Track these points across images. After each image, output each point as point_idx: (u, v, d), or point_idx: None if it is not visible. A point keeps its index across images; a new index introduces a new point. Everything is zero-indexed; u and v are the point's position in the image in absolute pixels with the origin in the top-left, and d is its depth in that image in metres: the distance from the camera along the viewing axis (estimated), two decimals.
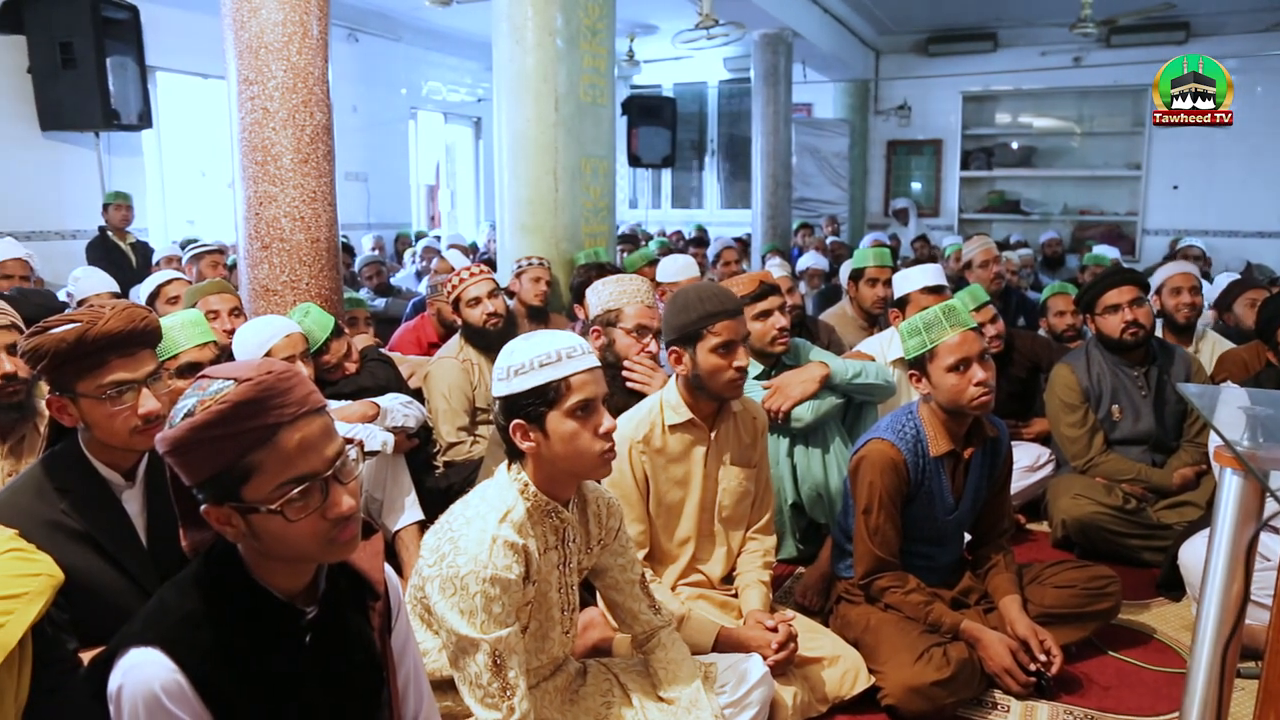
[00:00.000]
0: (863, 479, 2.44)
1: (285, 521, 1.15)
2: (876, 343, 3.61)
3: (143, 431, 1.77)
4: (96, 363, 1.74)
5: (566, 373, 1.66)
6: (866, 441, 2.49)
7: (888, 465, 2.40)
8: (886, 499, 2.41)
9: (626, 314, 2.80)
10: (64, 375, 1.74)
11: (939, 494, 2.48)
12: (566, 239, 4.80)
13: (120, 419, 1.76)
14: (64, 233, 6.83)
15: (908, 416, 2.49)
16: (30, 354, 1.74)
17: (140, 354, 1.80)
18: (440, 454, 3.37)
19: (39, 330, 1.74)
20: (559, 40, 4.70)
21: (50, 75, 6.52)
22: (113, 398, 1.75)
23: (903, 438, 2.44)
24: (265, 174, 3.35)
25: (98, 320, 1.73)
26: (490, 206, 11.50)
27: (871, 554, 2.44)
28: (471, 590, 1.58)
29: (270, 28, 3.32)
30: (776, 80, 9.26)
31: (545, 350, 1.67)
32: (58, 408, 1.77)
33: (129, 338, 1.77)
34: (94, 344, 1.72)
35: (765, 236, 9.28)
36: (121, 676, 1.15)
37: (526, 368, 1.66)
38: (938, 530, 2.53)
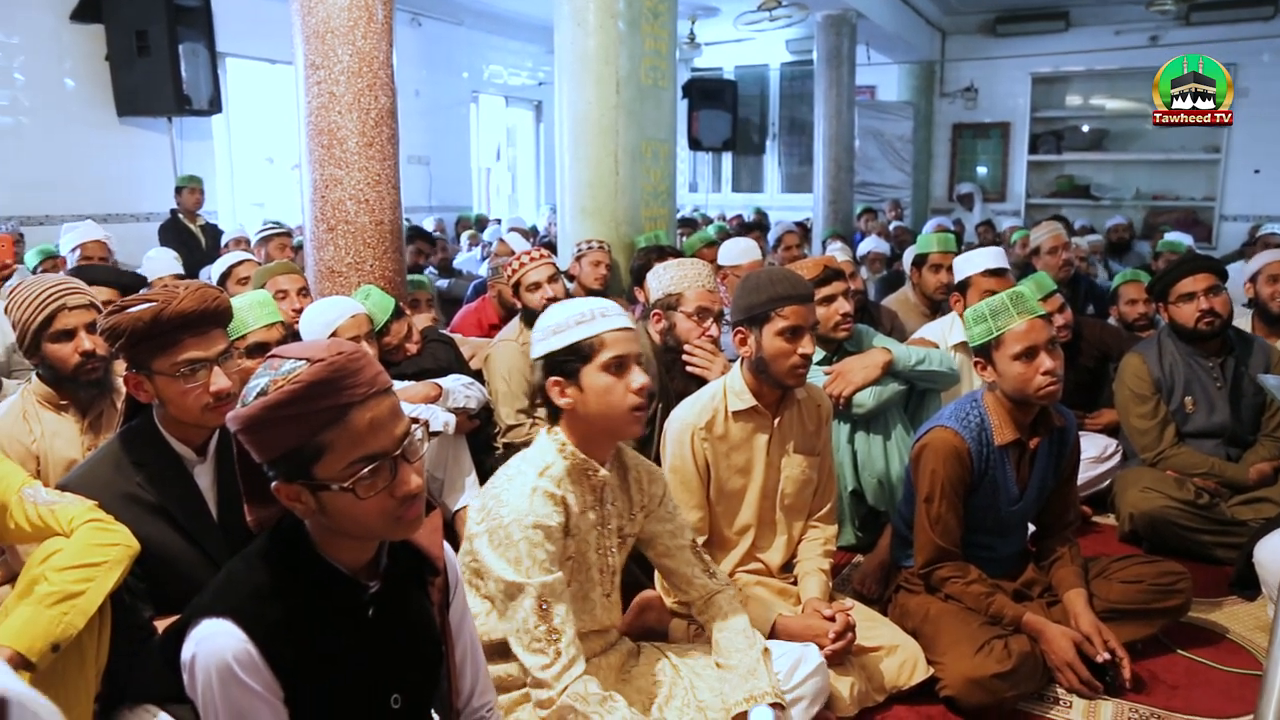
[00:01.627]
0: (925, 467, 2.40)
1: (355, 499, 1.17)
2: (938, 328, 3.55)
3: (214, 409, 1.82)
4: (171, 341, 1.79)
5: (601, 330, 1.73)
6: (929, 429, 2.45)
7: (950, 453, 2.36)
8: (949, 488, 2.37)
9: (687, 297, 2.80)
10: (140, 353, 1.80)
11: (1003, 484, 2.43)
12: (626, 222, 4.80)
13: (193, 396, 1.81)
14: (138, 215, 7.04)
15: (972, 404, 2.44)
16: (108, 332, 1.80)
17: (212, 333, 1.86)
18: (500, 435, 3.40)
19: (116, 309, 1.80)
20: (620, 23, 4.68)
21: (126, 63, 6.72)
22: (186, 375, 1.80)
23: (967, 425, 2.39)
24: (331, 157, 3.40)
25: (172, 300, 1.78)
26: (550, 189, 11.55)
27: (932, 543, 2.41)
28: (515, 537, 1.66)
29: (336, 13, 3.36)
30: (839, 62, 9.12)
31: (580, 310, 1.76)
32: (134, 384, 1.83)
33: (201, 317, 1.82)
34: (168, 323, 1.78)
35: (827, 221, 9.17)
36: (195, 646, 1.18)
37: (563, 326, 1.74)
38: (1000, 521, 2.49)
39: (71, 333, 2.28)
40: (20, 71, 6.45)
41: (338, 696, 1.26)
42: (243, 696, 1.17)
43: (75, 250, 4.43)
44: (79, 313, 2.30)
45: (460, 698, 1.48)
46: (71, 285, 2.35)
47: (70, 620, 1.60)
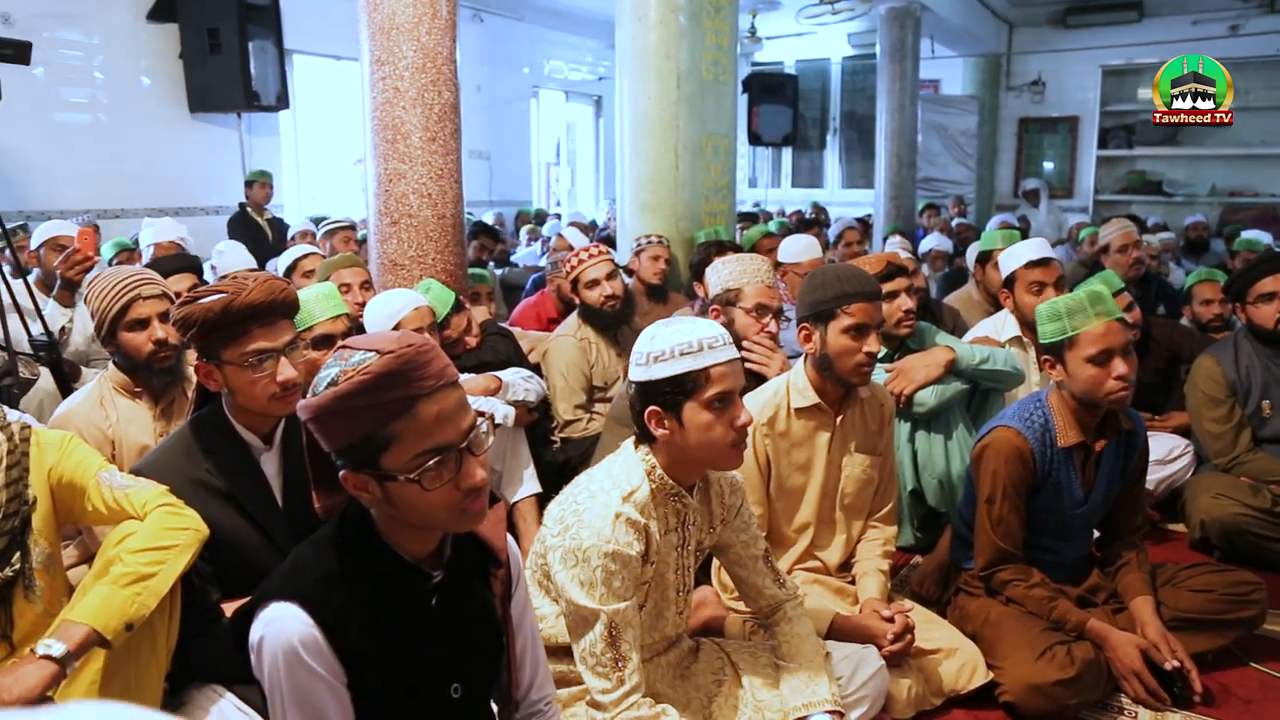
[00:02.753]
0: (986, 467, 2.36)
1: (421, 490, 1.18)
2: (991, 324, 3.48)
3: (280, 398, 1.86)
4: (240, 332, 1.84)
5: (707, 363, 1.65)
6: (992, 429, 2.40)
7: (1013, 454, 2.32)
8: (1010, 489, 2.32)
9: (746, 293, 2.78)
10: (210, 343, 1.85)
11: (1067, 486, 2.37)
12: (686, 217, 4.79)
13: (260, 386, 1.85)
14: (208, 208, 7.21)
15: (1036, 404, 2.39)
16: (180, 322, 1.85)
17: (279, 324, 1.90)
18: (558, 429, 3.42)
19: (188, 300, 1.85)
20: (681, 17, 4.67)
21: (198, 60, 6.90)
22: (254, 365, 1.84)
23: (1030, 426, 2.34)
24: (395, 152, 3.45)
25: (241, 292, 1.83)
26: (610, 184, 11.57)
27: (994, 545, 2.36)
28: (593, 563, 1.61)
29: (401, 9, 3.40)
30: (903, 56, 8.99)
31: (687, 339, 1.65)
32: (204, 373, 1.88)
33: (269, 308, 1.86)
34: (237, 314, 1.82)
35: (888, 217, 9.05)
36: (263, 629, 1.21)
37: (667, 355, 1.65)
38: (1064, 524, 2.43)
39: (145, 322, 2.35)
40: (100, 70, 6.66)
41: (399, 683, 1.28)
42: (307, 679, 1.20)
43: (150, 247, 4.55)
44: (153, 302, 2.37)
45: (519, 689, 1.49)
46: (146, 276, 2.43)
47: (143, 601, 1.64)
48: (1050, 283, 3.21)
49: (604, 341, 3.56)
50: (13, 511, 1.79)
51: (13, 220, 3.66)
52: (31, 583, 1.83)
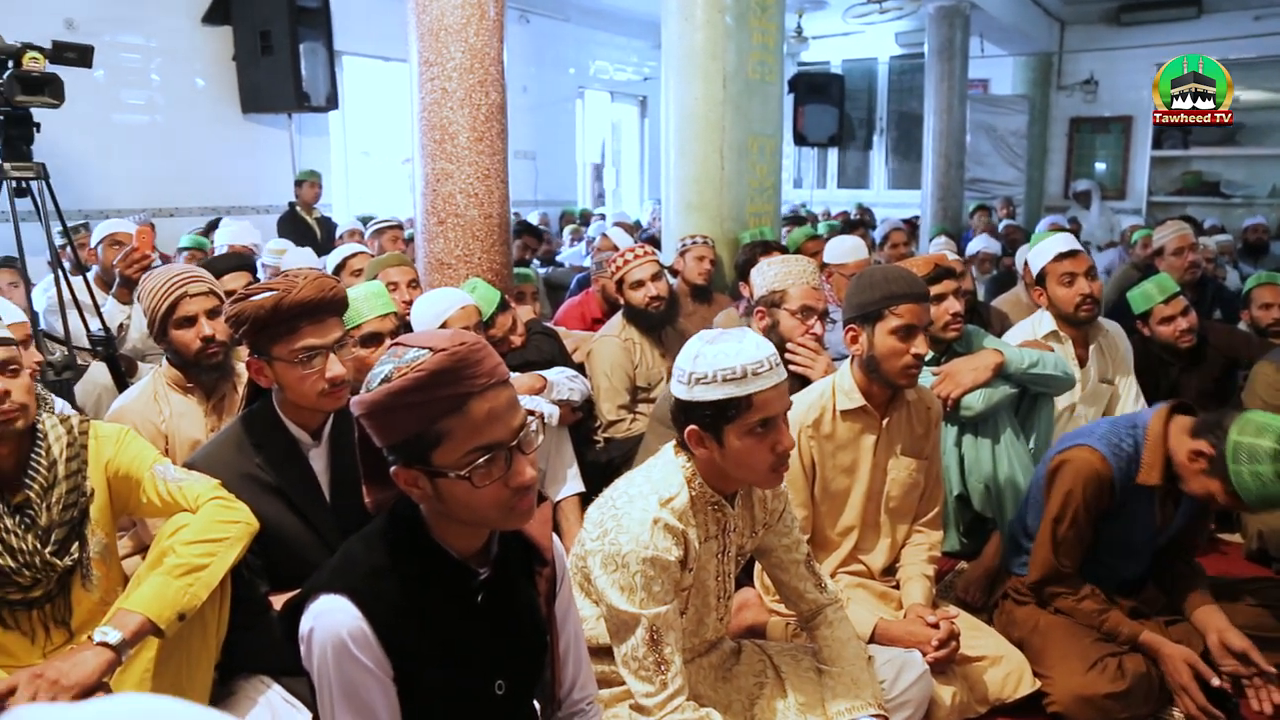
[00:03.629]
0: (1060, 485, 2.24)
1: (471, 487, 1.19)
2: (1028, 324, 3.43)
3: (329, 394, 1.89)
4: (290, 329, 1.87)
5: (751, 390, 1.61)
6: (1074, 445, 2.27)
7: (1092, 478, 2.20)
8: (1082, 513, 2.22)
9: (791, 295, 2.76)
10: (261, 340, 1.88)
11: (1142, 519, 2.27)
12: (732, 218, 4.78)
13: (309, 382, 1.88)
14: (258, 207, 7.34)
15: (1130, 430, 2.23)
16: (232, 319, 1.88)
17: (329, 321, 1.92)
18: (601, 429, 3.43)
19: (240, 298, 1.88)
20: (728, 17, 4.66)
21: (251, 62, 7.03)
22: (303, 361, 1.87)
23: (1117, 453, 2.20)
24: (443, 152, 3.48)
25: (291, 289, 1.86)
26: (654, 185, 11.58)
27: (1051, 564, 2.28)
28: (632, 569, 1.61)
29: (450, 10, 3.43)
30: (951, 55, 8.89)
31: (730, 365, 1.61)
32: (255, 369, 1.91)
33: (319, 306, 1.89)
34: (288, 311, 1.85)
35: (935, 218, 8.95)
36: (312, 620, 1.23)
37: (709, 379, 1.62)
38: (1131, 549, 2.34)
39: (193, 319, 2.40)
40: (156, 72, 6.81)
41: (445, 678, 1.29)
42: (355, 671, 1.21)
43: (224, 248, 4.66)
44: (200, 300, 2.41)
45: (562, 688, 1.50)
46: (193, 274, 2.48)
47: (195, 592, 1.68)
48: (1081, 273, 3.17)
49: (648, 342, 3.56)
50: (72, 503, 1.84)
51: (73, 219, 3.76)
52: (89, 572, 1.88)
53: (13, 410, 1.76)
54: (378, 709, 1.23)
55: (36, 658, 1.81)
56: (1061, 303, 3.18)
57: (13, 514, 1.78)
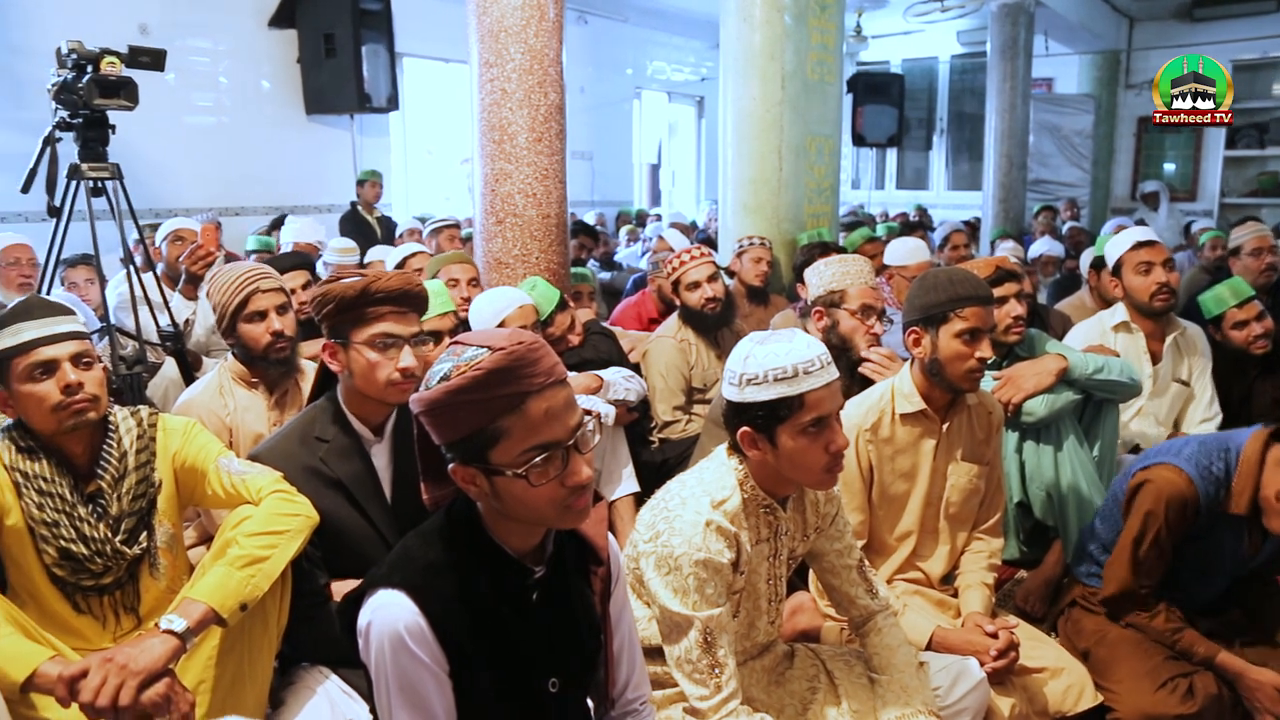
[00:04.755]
0: (1141, 505, 2.14)
1: (528, 486, 1.20)
2: (1095, 322, 3.35)
3: (398, 385, 1.92)
4: (373, 315, 1.91)
5: (802, 389, 1.61)
6: (1160, 463, 2.14)
7: (1176, 500, 2.09)
8: (1164, 535, 2.11)
9: (850, 295, 2.74)
10: (342, 322, 1.92)
11: (1229, 547, 2.16)
12: (789, 219, 4.75)
13: (382, 369, 1.91)
14: (320, 206, 7.48)
15: (1221, 454, 2.10)
16: (319, 300, 1.92)
17: (409, 314, 1.97)
18: (656, 429, 3.43)
19: (328, 281, 1.94)
20: (787, 16, 4.63)
21: (315, 64, 7.18)
22: (380, 348, 1.90)
23: (1205, 477, 2.08)
24: (502, 152, 3.51)
25: (379, 278, 1.91)
26: (711, 185, 11.55)
27: (1128, 583, 2.18)
28: (685, 571, 1.60)
29: (510, 12, 3.46)
30: (1015, 53, 8.71)
31: (781, 364, 1.61)
32: (330, 353, 1.95)
33: (403, 296, 1.94)
34: (374, 296, 1.90)
35: (996, 220, 8.79)
36: (371, 614, 1.24)
37: (760, 379, 1.62)
38: (1213, 574, 2.24)
39: (264, 314, 2.46)
40: (224, 75, 6.98)
41: (499, 675, 1.30)
42: (411, 665, 1.23)
43: (290, 245, 4.77)
44: (271, 295, 2.48)
45: (615, 687, 1.50)
46: (264, 271, 2.54)
47: (257, 583, 1.71)
48: (1158, 262, 3.12)
49: (704, 343, 3.55)
50: (141, 493, 1.90)
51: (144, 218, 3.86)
52: (156, 561, 1.93)
53: (86, 402, 1.81)
54: (433, 703, 1.24)
55: (106, 642, 1.87)
56: (1137, 292, 3.13)
57: (86, 503, 1.84)
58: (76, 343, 1.84)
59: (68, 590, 1.84)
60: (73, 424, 1.81)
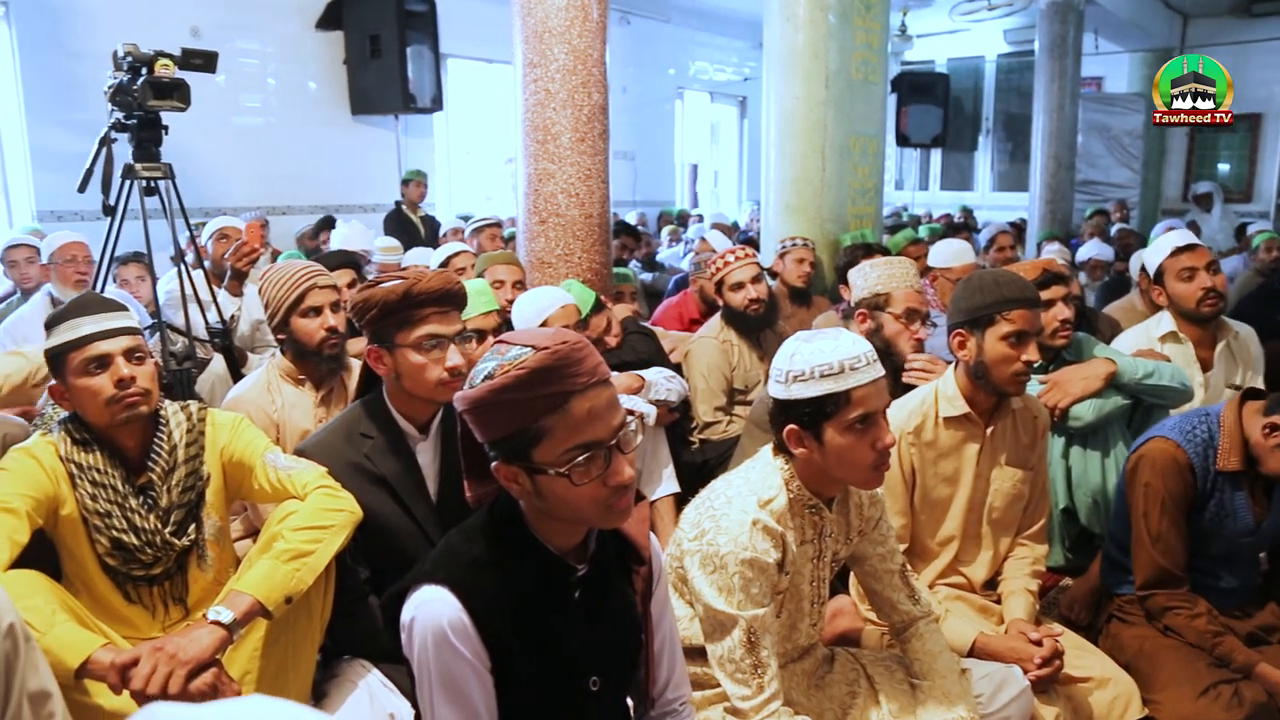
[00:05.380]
0: (1139, 479, 2.22)
1: (570, 485, 1.20)
2: (1141, 330, 3.27)
3: (446, 384, 1.92)
4: (416, 317, 1.91)
5: (849, 385, 1.60)
6: (1147, 440, 2.26)
7: (1170, 466, 2.18)
8: (1169, 503, 2.18)
9: (895, 298, 2.71)
10: (386, 326, 1.92)
11: (1233, 510, 2.20)
12: (832, 220, 4.72)
13: (430, 370, 1.91)
14: (365, 206, 7.57)
15: (1202, 418, 2.23)
16: (361, 305, 1.93)
17: (451, 313, 1.97)
18: (697, 430, 3.42)
19: (369, 286, 1.94)
20: (831, 16, 4.61)
21: (361, 65, 7.28)
22: (426, 349, 1.91)
23: (1191, 440, 2.19)
24: (545, 152, 3.53)
25: (420, 279, 1.91)
26: (753, 186, 11.52)
27: (1153, 562, 2.20)
28: (730, 570, 1.60)
29: (554, 13, 3.48)
30: (1063, 52, 8.59)
31: (827, 360, 1.60)
32: (375, 357, 1.96)
33: (444, 296, 1.93)
34: (416, 299, 1.90)
35: (1043, 222, 8.66)
36: (414, 610, 1.26)
37: (806, 375, 1.61)
38: (1230, 549, 2.25)
39: (318, 310, 2.50)
40: (272, 76, 7.10)
41: (540, 672, 1.31)
42: (453, 661, 1.24)
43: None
44: (325, 292, 2.52)
45: (656, 686, 1.50)
46: (318, 268, 2.59)
47: (301, 576, 1.74)
48: (1201, 266, 3.02)
49: (746, 344, 3.54)
50: (190, 486, 1.93)
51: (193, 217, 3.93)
52: (204, 553, 1.97)
53: (138, 396, 1.85)
54: (474, 699, 1.25)
55: (156, 631, 1.91)
56: (1182, 299, 3.05)
57: (137, 494, 1.88)
58: (130, 338, 1.88)
59: (119, 580, 1.88)
60: (125, 417, 1.85)
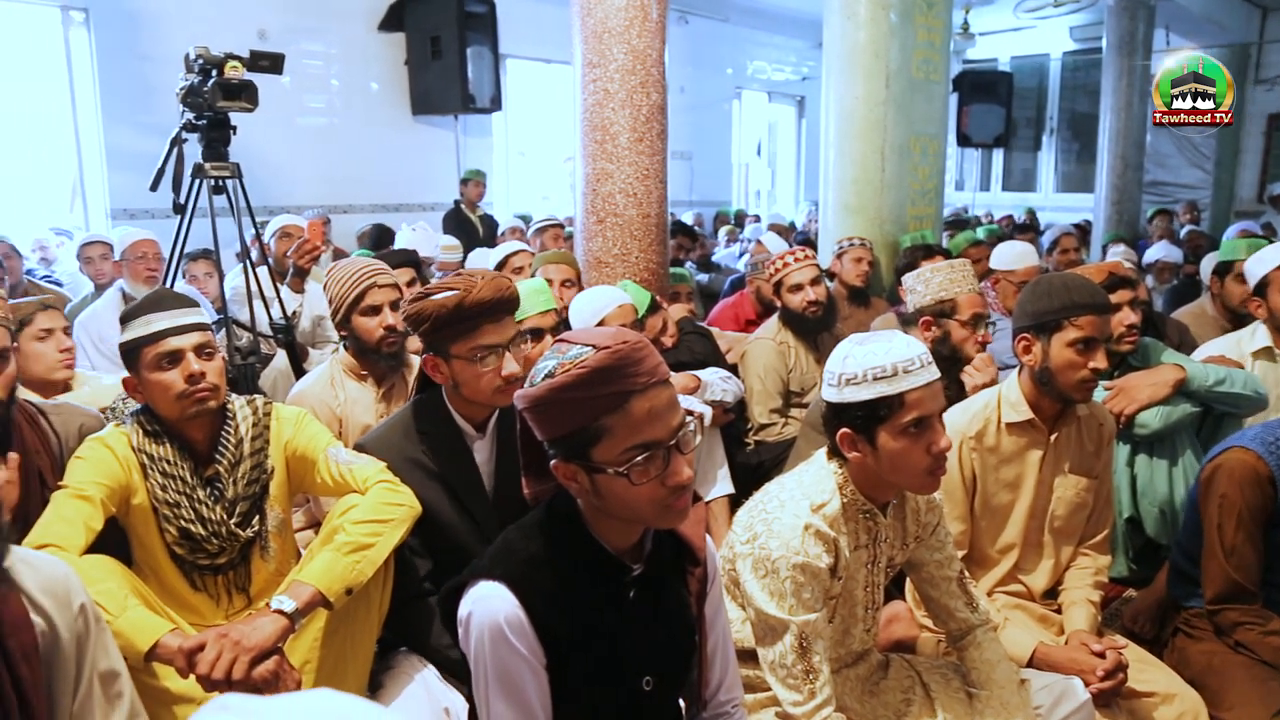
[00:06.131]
0: (1214, 490, 2.14)
1: (628, 484, 1.21)
2: (1232, 340, 3.17)
3: (503, 390, 1.94)
4: (469, 328, 1.91)
5: (902, 389, 1.58)
6: (1225, 449, 2.18)
7: (1249, 478, 2.09)
8: (1246, 515, 2.09)
9: (961, 304, 2.67)
10: (440, 338, 1.93)
11: None
12: (891, 220, 4.68)
13: (486, 379, 1.93)
14: (424, 205, 7.67)
15: None
16: (413, 317, 1.94)
17: (505, 320, 1.96)
18: (752, 431, 3.41)
19: (420, 297, 1.94)
20: (892, 14, 4.56)
21: (422, 66, 7.39)
22: (481, 359, 1.92)
23: (1273, 451, 2.10)
24: (603, 152, 3.55)
25: (471, 289, 1.90)
26: (810, 186, 11.44)
27: (1225, 575, 2.13)
28: (782, 575, 1.59)
29: (614, 13, 3.49)
30: (1133, 49, 8.38)
31: (881, 363, 1.58)
32: (431, 366, 1.98)
33: (497, 305, 1.93)
34: (469, 310, 1.89)
35: (1109, 223, 8.46)
36: (471, 605, 1.27)
37: (859, 379, 1.59)
38: None
39: (378, 308, 2.54)
40: (336, 78, 7.24)
41: (595, 670, 1.31)
42: (509, 657, 1.25)
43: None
44: (386, 290, 2.56)
45: (708, 688, 1.50)
46: (380, 267, 2.63)
47: (361, 569, 1.77)
48: None
49: (803, 347, 3.51)
50: (255, 478, 1.98)
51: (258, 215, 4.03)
52: (267, 544, 2.01)
53: (207, 390, 1.90)
54: (529, 695, 1.26)
55: (219, 618, 1.96)
56: None
57: (204, 486, 1.93)
58: (200, 334, 1.93)
59: (186, 568, 1.93)
60: (194, 411, 1.90)
